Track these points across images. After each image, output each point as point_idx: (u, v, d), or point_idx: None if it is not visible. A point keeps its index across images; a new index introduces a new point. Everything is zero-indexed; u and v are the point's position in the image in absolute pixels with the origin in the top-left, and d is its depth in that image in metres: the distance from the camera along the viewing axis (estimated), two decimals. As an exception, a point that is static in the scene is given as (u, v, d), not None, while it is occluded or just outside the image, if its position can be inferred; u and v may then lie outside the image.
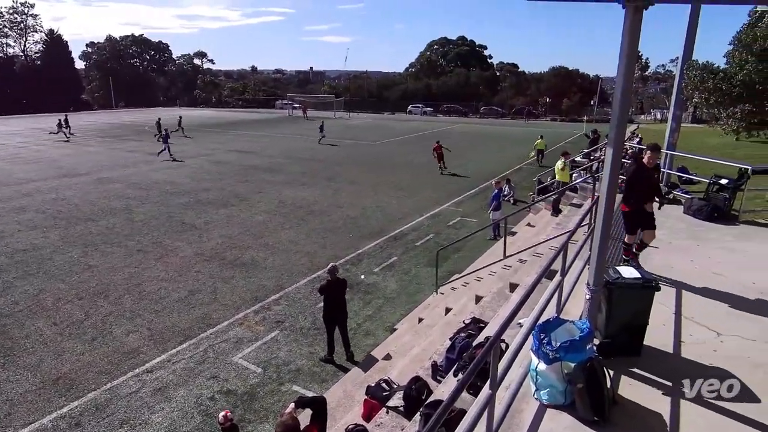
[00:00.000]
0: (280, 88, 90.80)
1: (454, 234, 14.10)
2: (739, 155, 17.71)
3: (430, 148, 30.55)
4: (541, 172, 19.04)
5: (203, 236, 13.79)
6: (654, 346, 4.61)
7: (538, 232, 11.22)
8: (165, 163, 25.17)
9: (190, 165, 24.54)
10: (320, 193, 18.85)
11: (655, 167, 6.45)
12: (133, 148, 30.89)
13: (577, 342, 3.82)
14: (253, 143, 33.19)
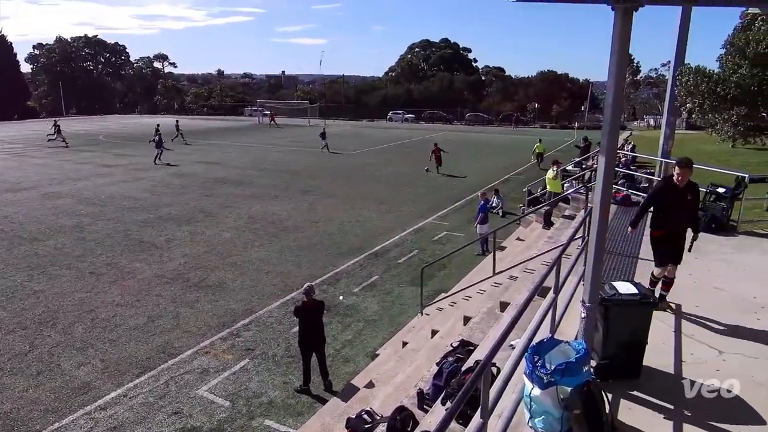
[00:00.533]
0: (249, 94, 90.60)
1: (440, 250, 14.15)
2: (736, 163, 18.34)
3: (413, 157, 30.61)
4: (536, 180, 19.32)
5: (164, 256, 13.55)
6: (654, 367, 4.68)
7: (529, 246, 11.34)
8: (121, 176, 24.79)
9: (149, 178, 24.20)
10: (294, 208, 18.75)
11: (689, 187, 5.78)
12: (86, 159, 30.32)
13: (573, 364, 3.85)
14: (220, 154, 32.93)
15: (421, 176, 25.10)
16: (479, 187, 19.50)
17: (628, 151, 22.19)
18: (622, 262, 7.70)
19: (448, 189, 22.25)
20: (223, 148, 35.60)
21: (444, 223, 17.02)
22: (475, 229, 14.31)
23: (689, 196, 5.77)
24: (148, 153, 32.70)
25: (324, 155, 32.21)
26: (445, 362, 5.97)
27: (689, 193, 5.77)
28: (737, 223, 9.15)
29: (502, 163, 29.44)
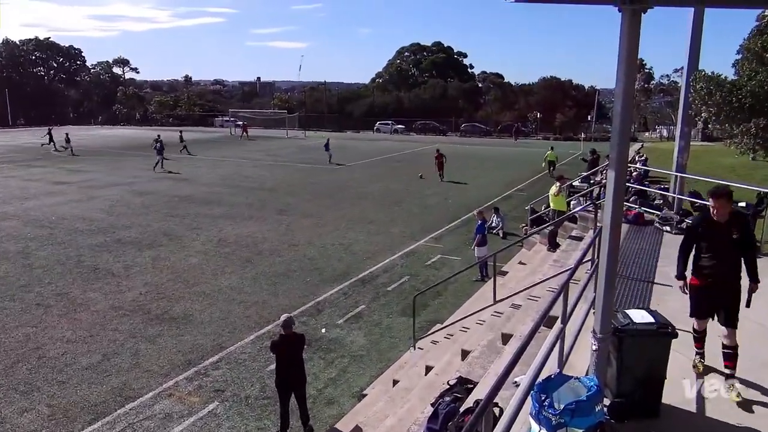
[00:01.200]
0: (221, 102, 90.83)
1: (434, 275, 14.15)
2: (758, 177, 18.70)
3: (403, 172, 30.81)
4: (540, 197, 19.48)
5: (122, 285, 13.38)
6: (674, 405, 4.68)
7: (533, 270, 11.38)
8: (74, 194, 24.56)
9: (105, 196, 24.01)
10: (270, 229, 18.68)
11: (733, 221, 5.06)
12: (35, 175, 30.04)
13: (585, 403, 3.83)
14: (187, 169, 32.83)
15: (412, 193, 25.22)
16: (477, 205, 19.62)
17: (640, 164, 22.54)
18: (637, 288, 7.75)
19: (443, 207, 22.35)
20: (191, 163, 35.50)
21: (438, 245, 17.05)
22: (473, 252, 14.35)
23: (734, 233, 4.99)
24: (106, 168, 32.48)
25: (304, 170, 32.26)
26: (442, 402, 5.92)
27: (734, 229, 5.01)
28: (760, 243, 9.27)
29: (502, 179, 29.72)
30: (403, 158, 39.44)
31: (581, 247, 10.20)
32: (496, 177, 30.49)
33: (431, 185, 27.21)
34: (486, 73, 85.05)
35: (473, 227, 15.31)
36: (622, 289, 7.61)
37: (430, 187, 26.66)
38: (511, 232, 18.19)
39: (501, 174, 31.61)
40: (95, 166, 32.96)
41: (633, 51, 3.80)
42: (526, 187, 27.15)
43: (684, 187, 12.65)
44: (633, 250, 9.75)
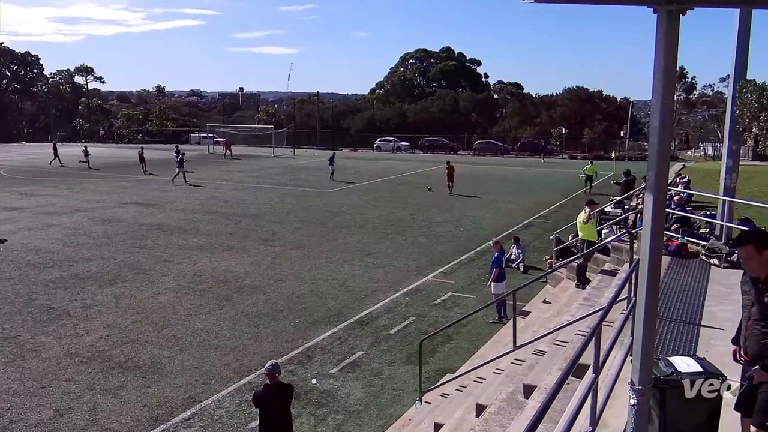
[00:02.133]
0: (198, 116, 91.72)
1: (444, 316, 14.06)
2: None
3: (408, 196, 30.95)
4: (566, 224, 19.49)
5: (80, 327, 13.30)
6: (728, 471, 4.59)
7: (559, 311, 11.32)
8: (27, 222, 24.61)
9: (63, 224, 24.05)
10: (253, 262, 18.65)
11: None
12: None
13: (622, 468, 3.77)
14: (157, 193, 32.96)
15: (418, 221, 25.24)
16: (493, 234, 19.61)
17: (682, 187, 22.59)
18: (681, 331, 7.69)
19: (454, 237, 22.35)
20: (162, 186, 35.64)
21: (449, 281, 16.99)
22: (489, 289, 14.27)
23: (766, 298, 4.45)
24: (65, 192, 32.61)
25: (293, 194, 32.37)
26: (453, 467, 5.80)
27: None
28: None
29: (522, 204, 29.78)
30: (407, 180, 39.60)
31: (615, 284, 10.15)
32: (515, 202, 30.55)
33: (440, 211, 27.24)
34: (503, 82, 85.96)
35: (489, 260, 15.25)
36: (663, 333, 7.55)
37: (439, 214, 26.69)
38: (534, 265, 18.12)
39: (521, 198, 31.69)
40: (53, 189, 33.09)
41: (671, 57, 3.84)
42: (550, 213, 27.16)
43: (733, 213, 12.64)
44: (676, 287, 9.71)
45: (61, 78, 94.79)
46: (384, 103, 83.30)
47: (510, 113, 76.61)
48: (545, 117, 70.90)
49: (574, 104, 69.63)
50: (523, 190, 35.12)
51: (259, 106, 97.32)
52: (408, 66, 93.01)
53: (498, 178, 41.48)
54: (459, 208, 28.48)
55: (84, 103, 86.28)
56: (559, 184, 36.91)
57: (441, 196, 32.01)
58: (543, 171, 46.12)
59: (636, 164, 38.05)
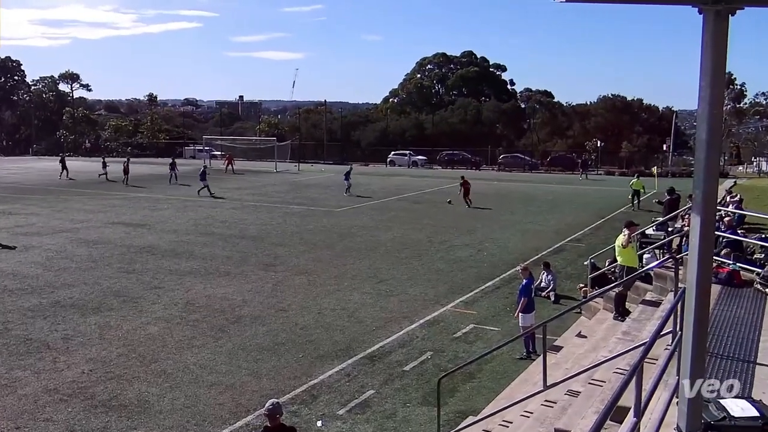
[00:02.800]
0: (193, 127, 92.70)
1: (465, 351, 13.96)
2: None
3: (425, 217, 30.91)
4: (603, 248, 19.35)
5: (60, 361, 13.33)
6: None
7: (594, 346, 11.23)
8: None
9: (44, 246, 24.26)
10: (252, 289, 18.67)
11: None
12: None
13: None
14: (147, 211, 33.21)
15: (437, 243, 25.20)
16: (521, 259, 19.51)
17: (733, 207, 22.40)
18: (733, 369, 7.59)
19: (476, 261, 22.26)
20: (153, 204, 35.91)
21: (470, 311, 16.89)
22: (517, 321, 14.17)
23: None
24: (46, 210, 32.93)
25: (297, 213, 32.49)
26: None
27: None
28: None
29: (553, 225, 29.67)
30: (424, 198, 39.62)
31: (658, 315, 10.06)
32: (545, 223, 30.44)
33: (461, 233, 27.18)
34: (530, 90, 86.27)
35: (516, 288, 15.16)
36: (713, 371, 7.44)
37: (460, 236, 26.64)
38: (566, 294, 17.98)
39: (552, 219, 31.57)
40: (34, 208, 33.44)
41: (719, 62, 3.84)
42: (584, 236, 27.01)
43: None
44: (727, 319, 9.59)
45: (45, 85, 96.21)
46: (398, 113, 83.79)
47: (539, 124, 76.77)
48: (578, 128, 70.94)
49: (611, 114, 69.63)
50: (554, 209, 34.99)
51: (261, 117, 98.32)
52: (425, 72, 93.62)
53: (525, 196, 41.39)
54: (482, 229, 28.41)
55: (69, 113, 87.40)
56: (595, 204, 36.74)
57: (462, 215, 31.97)
58: (577, 189, 46.00)
59: (681, 181, 37.87)
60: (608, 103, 71.82)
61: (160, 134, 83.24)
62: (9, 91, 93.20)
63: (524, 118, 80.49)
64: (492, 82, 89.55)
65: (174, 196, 39.35)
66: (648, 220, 23.79)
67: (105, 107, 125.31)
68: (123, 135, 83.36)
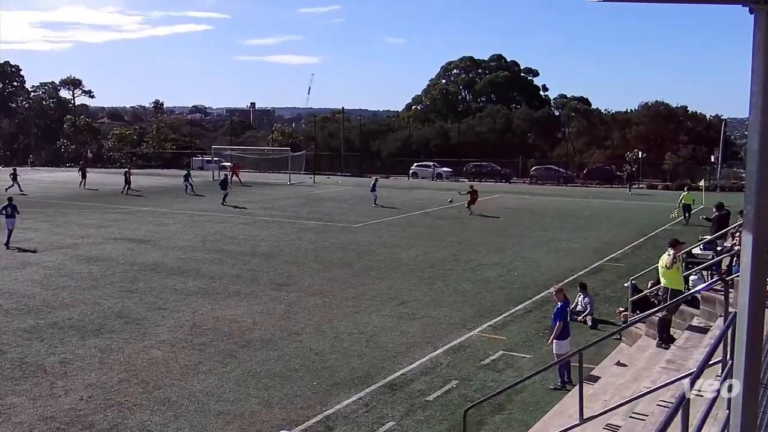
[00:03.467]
0: (201, 136, 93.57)
1: (494, 380, 13.87)
2: None
3: (450, 233, 30.84)
4: (645, 267, 19.18)
5: (57, 386, 13.42)
6: None
7: (636, 375, 11.14)
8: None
9: (42, 263, 24.54)
10: (263, 311, 18.71)
11: None
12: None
13: None
14: (151, 226, 33.50)
15: (463, 262, 25.11)
16: (555, 280, 19.36)
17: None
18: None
19: (506, 282, 22.15)
20: (158, 218, 36.22)
21: (499, 336, 16.79)
22: (550, 348, 14.07)
23: None
24: (44, 225, 33.33)
25: (313, 229, 32.59)
26: None
27: None
28: None
29: (590, 243, 29.48)
30: (448, 213, 39.56)
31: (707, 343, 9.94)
32: (581, 240, 30.25)
33: (489, 251, 27.09)
34: (565, 96, 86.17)
35: (550, 311, 15.07)
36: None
37: (488, 254, 26.54)
38: (605, 319, 17.83)
39: (589, 236, 31.36)
40: (31, 222, 33.85)
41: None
42: (624, 255, 26.78)
43: None
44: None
45: (45, 92, 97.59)
46: (422, 122, 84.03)
47: (574, 133, 76.40)
48: (618, 138, 70.48)
49: (653, 123, 69.14)
50: (591, 226, 34.77)
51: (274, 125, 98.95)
52: (451, 77, 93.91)
53: (560, 211, 41.16)
54: (512, 247, 28.29)
55: (70, 121, 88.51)
56: (636, 220, 36.45)
57: (490, 232, 31.89)
58: (616, 204, 45.67)
59: (730, 196, 37.42)
60: (651, 110, 71.32)
61: (166, 144, 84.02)
62: (7, 98, 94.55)
63: (558, 127, 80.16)
64: (523, 87, 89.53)
65: (181, 210, 39.69)
66: (695, 238, 23.51)
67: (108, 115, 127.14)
68: (127, 144, 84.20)
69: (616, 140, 70.29)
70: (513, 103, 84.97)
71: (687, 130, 69.04)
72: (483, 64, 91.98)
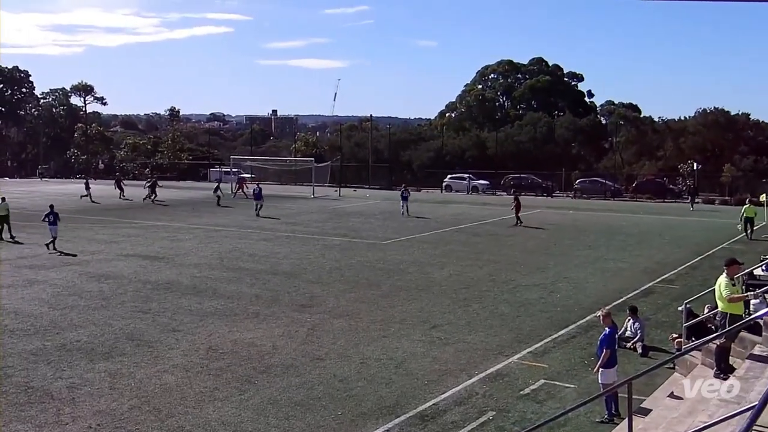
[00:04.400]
0: (220, 146, 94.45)
1: (534, 412, 13.76)
2: None
3: (486, 249, 30.78)
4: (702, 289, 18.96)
5: (64, 413, 13.52)
6: None
7: (691, 409, 11.00)
8: (6, 278, 25.52)
9: (50, 281, 24.85)
10: (284, 333, 18.75)
11: None
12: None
13: None
14: (166, 242, 33.81)
15: (500, 283, 25.00)
16: (601, 303, 19.21)
17: None
18: None
19: (548, 305, 21.99)
20: (173, 233, 36.54)
21: (540, 364, 16.66)
22: (596, 377, 13.94)
23: None
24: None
25: (338, 246, 32.67)
26: None
27: None
28: None
29: (640, 263, 29.21)
30: (485, 230, 39.44)
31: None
32: (630, 260, 29.97)
33: (529, 270, 26.94)
34: (613, 103, 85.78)
35: (596, 337, 14.93)
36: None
37: (528, 274, 26.39)
38: (656, 346, 17.60)
39: (638, 255, 31.07)
40: (39, 237, 34.33)
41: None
42: (678, 276, 26.48)
43: None
44: None
45: (55, 99, 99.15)
46: (456, 130, 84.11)
47: (623, 143, 75.92)
48: (671, 148, 69.85)
49: (710, 132, 68.45)
50: (642, 244, 34.45)
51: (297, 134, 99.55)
52: (488, 82, 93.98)
53: (607, 228, 40.91)
54: (554, 267, 28.10)
55: (81, 130, 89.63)
56: (692, 238, 36.06)
57: (530, 250, 31.74)
58: (670, 220, 45.23)
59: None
60: (708, 118, 70.61)
61: (182, 154, 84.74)
62: (16, 105, 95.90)
63: (605, 136, 79.79)
64: (566, 93, 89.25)
65: (197, 225, 40.04)
66: (756, 258, 23.19)
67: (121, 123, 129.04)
68: (140, 155, 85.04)
69: (669, 150, 69.67)
70: (555, 110, 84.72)
71: (748, 139, 68.21)
72: (523, 68, 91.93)
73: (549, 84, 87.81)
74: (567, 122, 77.83)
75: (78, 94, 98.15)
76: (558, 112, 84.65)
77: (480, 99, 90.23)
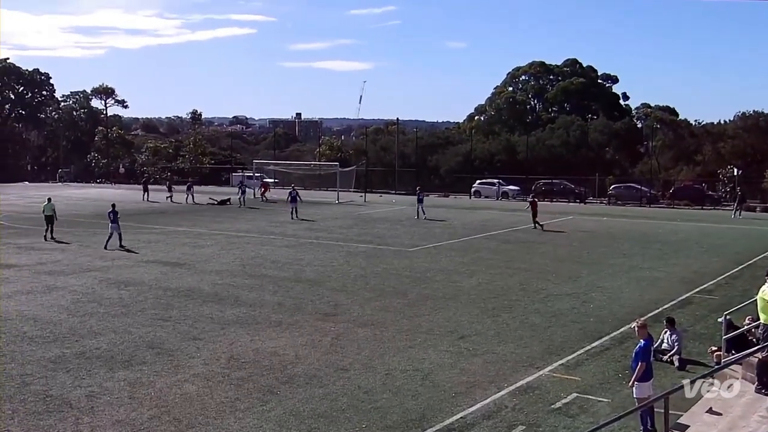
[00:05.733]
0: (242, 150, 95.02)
1: (566, 426, 13.68)
2: None
3: (516, 257, 30.68)
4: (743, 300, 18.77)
5: (83, 422, 13.63)
6: None
7: (731, 425, 10.89)
8: (25, 284, 25.81)
9: (69, 287, 25.11)
10: (307, 343, 18.79)
11: None
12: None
13: None
14: (187, 248, 34.07)
15: (531, 292, 24.88)
16: (636, 314, 19.05)
17: None
18: None
19: (581, 315, 21.85)
20: (194, 239, 36.81)
21: (573, 377, 16.55)
22: (631, 391, 13.84)
23: None
24: (72, 245, 34.13)
25: (363, 253, 32.69)
26: None
27: None
28: None
29: (678, 272, 28.95)
30: (515, 237, 39.31)
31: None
32: (666, 269, 29.71)
33: (561, 280, 26.80)
34: (649, 106, 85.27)
35: (631, 349, 14.81)
36: None
37: (560, 283, 26.25)
38: (694, 359, 17.43)
39: (675, 265, 30.79)
40: (58, 243, 34.74)
41: None
42: (717, 286, 26.20)
43: None
44: None
45: (75, 101, 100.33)
46: (485, 134, 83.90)
47: (659, 147, 75.27)
48: (710, 153, 69.16)
49: (752, 136, 67.75)
50: (679, 253, 34.13)
51: (321, 137, 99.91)
52: (518, 84, 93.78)
53: (642, 235, 40.60)
54: (588, 276, 27.94)
55: (102, 133, 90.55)
56: (732, 246, 35.68)
57: (562, 258, 31.58)
58: (708, 228, 44.77)
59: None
60: (749, 121, 69.94)
61: (203, 158, 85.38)
62: (36, 108, 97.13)
63: (641, 141, 79.21)
64: (601, 96, 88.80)
65: (218, 231, 40.29)
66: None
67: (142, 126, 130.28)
68: (162, 159, 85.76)
69: (708, 155, 68.98)
70: (589, 114, 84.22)
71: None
72: (555, 70, 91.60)
73: (582, 86, 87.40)
74: (601, 126, 77.34)
75: (99, 97, 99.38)
76: (591, 115, 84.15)
77: (510, 101, 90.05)
